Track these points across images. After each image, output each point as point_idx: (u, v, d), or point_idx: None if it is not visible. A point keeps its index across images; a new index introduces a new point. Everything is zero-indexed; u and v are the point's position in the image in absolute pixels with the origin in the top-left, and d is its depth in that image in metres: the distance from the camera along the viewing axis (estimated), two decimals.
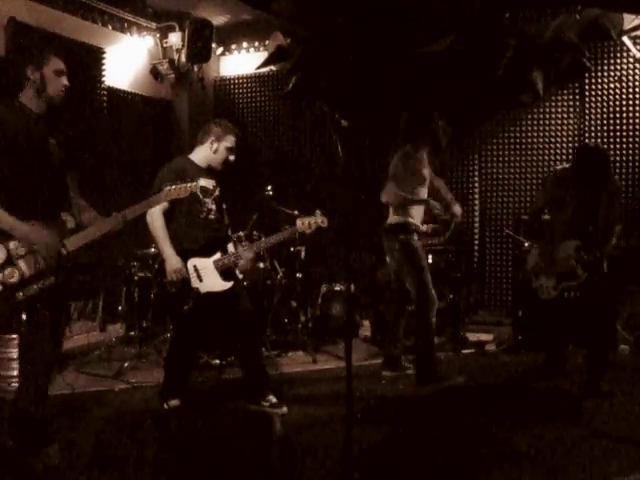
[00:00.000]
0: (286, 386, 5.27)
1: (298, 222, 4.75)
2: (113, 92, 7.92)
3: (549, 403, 4.86)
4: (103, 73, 7.70)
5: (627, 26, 7.10)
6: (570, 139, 7.68)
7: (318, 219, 4.74)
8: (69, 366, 5.77)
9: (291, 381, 5.55)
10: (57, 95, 3.57)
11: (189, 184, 3.92)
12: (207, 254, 4.56)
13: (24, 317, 3.43)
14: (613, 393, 4.95)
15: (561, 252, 5.23)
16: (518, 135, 7.89)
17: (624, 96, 7.42)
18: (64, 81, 3.59)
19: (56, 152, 3.58)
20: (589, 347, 5.34)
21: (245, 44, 8.94)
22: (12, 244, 3.37)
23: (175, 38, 8.27)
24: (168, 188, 3.88)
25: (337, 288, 7.19)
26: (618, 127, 7.44)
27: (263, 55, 8.57)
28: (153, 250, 6.05)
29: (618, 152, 7.32)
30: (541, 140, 7.81)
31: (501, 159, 7.96)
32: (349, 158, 3.55)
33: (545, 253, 5.33)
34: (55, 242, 3.44)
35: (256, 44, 8.86)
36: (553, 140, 7.77)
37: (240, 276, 4.73)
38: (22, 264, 3.37)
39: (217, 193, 4.68)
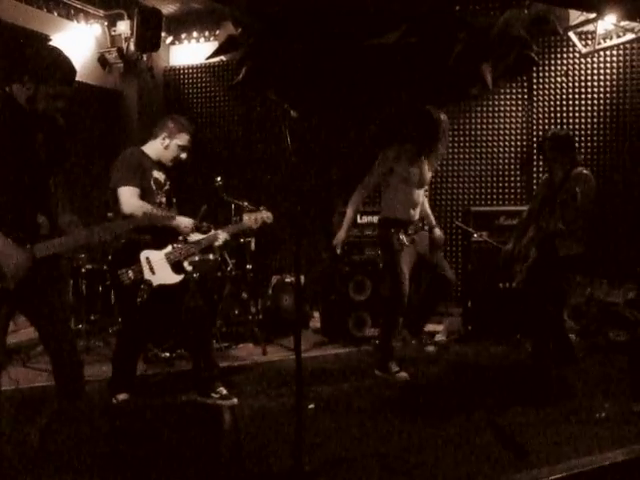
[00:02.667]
0: (236, 378, 5.26)
1: (245, 217, 4.90)
2: None
3: (503, 390, 4.92)
4: None
5: (573, 22, 7.25)
6: (518, 131, 7.81)
7: (264, 215, 4.89)
8: (14, 361, 5.64)
9: (241, 373, 5.53)
10: (47, 112, 3.31)
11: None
12: (159, 246, 4.52)
13: None
14: (561, 380, 5.06)
15: (526, 238, 5.37)
16: (467, 127, 7.98)
17: (570, 90, 7.59)
18: (60, 105, 3.34)
19: (43, 149, 3.30)
20: (534, 333, 5.46)
21: (195, 34, 8.83)
22: None
23: (123, 26, 8.10)
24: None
25: (287, 279, 7.19)
26: (565, 120, 7.60)
27: (213, 45, 8.48)
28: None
29: None
30: (490, 132, 7.92)
31: (450, 150, 8.03)
32: (299, 149, 3.54)
33: (517, 240, 5.47)
34: (23, 261, 3.12)
35: (206, 34, 8.77)
36: (502, 132, 7.89)
37: (189, 268, 4.70)
38: None
39: (168, 187, 4.66)
